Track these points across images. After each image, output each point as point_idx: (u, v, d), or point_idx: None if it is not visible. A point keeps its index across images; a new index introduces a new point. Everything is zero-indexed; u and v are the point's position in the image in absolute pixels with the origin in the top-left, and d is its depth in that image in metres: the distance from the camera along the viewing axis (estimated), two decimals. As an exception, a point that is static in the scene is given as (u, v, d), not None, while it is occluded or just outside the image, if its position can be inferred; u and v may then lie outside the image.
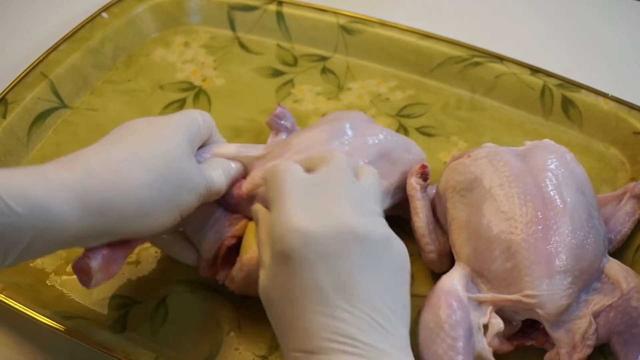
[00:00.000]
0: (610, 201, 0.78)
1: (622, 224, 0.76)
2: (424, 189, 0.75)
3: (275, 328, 0.59)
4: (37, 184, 0.58)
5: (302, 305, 0.56)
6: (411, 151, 0.78)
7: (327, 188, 0.60)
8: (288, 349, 0.57)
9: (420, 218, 0.75)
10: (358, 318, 0.55)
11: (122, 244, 0.65)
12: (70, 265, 0.77)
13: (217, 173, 0.70)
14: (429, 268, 0.77)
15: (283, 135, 0.83)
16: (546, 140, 0.76)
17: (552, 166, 0.72)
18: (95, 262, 0.64)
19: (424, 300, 0.69)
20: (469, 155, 0.75)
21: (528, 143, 0.76)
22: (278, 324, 0.58)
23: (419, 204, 0.75)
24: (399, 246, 0.60)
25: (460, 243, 0.72)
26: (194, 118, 0.70)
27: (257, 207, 0.65)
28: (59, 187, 0.59)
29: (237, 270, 0.70)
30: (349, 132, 0.76)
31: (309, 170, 0.63)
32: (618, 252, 0.76)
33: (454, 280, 0.69)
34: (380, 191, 0.64)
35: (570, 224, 0.68)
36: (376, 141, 0.76)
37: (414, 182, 0.75)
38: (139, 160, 0.63)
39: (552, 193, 0.70)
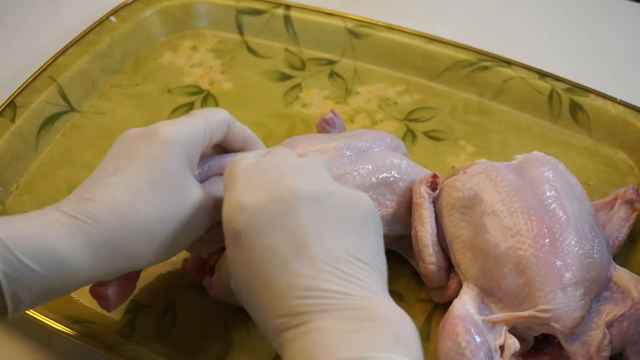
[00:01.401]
0: (602, 207, 0.78)
1: (618, 229, 0.75)
2: (431, 199, 0.74)
3: (249, 311, 0.59)
4: (44, 232, 0.57)
5: (265, 275, 0.56)
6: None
7: (271, 167, 0.60)
8: (266, 325, 0.56)
9: (426, 228, 0.73)
10: (322, 271, 0.55)
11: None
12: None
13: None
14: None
15: None
16: (536, 153, 0.76)
17: (549, 178, 0.72)
18: (111, 290, 0.65)
19: (439, 327, 0.67)
20: (464, 172, 0.74)
21: (519, 157, 0.76)
22: (249, 304, 0.58)
23: (425, 214, 0.73)
24: (356, 196, 0.60)
25: (466, 263, 0.71)
26: (194, 129, 0.66)
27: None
28: (68, 236, 0.58)
29: (216, 278, 0.71)
30: (360, 150, 0.76)
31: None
32: (624, 258, 0.76)
33: (466, 305, 0.68)
34: (326, 164, 0.64)
35: (575, 234, 0.68)
36: (382, 167, 0.74)
37: (422, 191, 0.74)
38: (143, 197, 0.61)
39: (553, 205, 0.69)
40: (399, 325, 0.54)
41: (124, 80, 0.98)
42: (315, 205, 0.57)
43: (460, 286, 0.72)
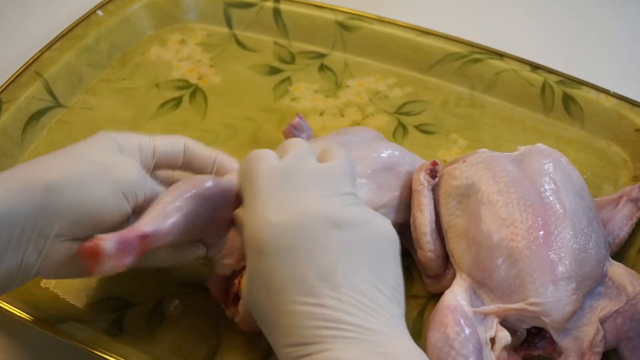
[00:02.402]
0: (606, 205, 0.77)
1: (620, 227, 0.75)
2: (430, 186, 0.74)
3: (263, 329, 0.58)
4: None
5: (287, 299, 0.54)
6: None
7: (294, 175, 0.59)
8: (280, 346, 0.56)
9: (424, 216, 0.73)
10: (345, 303, 0.54)
11: (137, 234, 0.61)
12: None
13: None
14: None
15: None
16: (539, 145, 0.75)
17: (549, 171, 0.71)
18: (108, 244, 0.58)
19: (429, 319, 0.67)
20: (464, 161, 0.74)
21: (522, 148, 0.75)
22: (266, 324, 0.57)
23: (424, 201, 0.73)
24: (381, 224, 0.59)
25: (459, 252, 0.71)
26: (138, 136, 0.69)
27: (236, 212, 0.65)
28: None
29: (241, 305, 0.68)
30: (355, 143, 0.75)
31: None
32: (620, 253, 0.75)
33: (457, 296, 0.67)
34: (350, 169, 0.62)
35: (571, 228, 0.67)
36: (382, 154, 0.74)
37: (422, 178, 0.74)
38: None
39: (551, 198, 0.69)
40: None
41: (111, 75, 0.97)
42: (342, 234, 0.56)
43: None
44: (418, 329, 0.72)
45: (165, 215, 0.62)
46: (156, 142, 0.69)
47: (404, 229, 0.74)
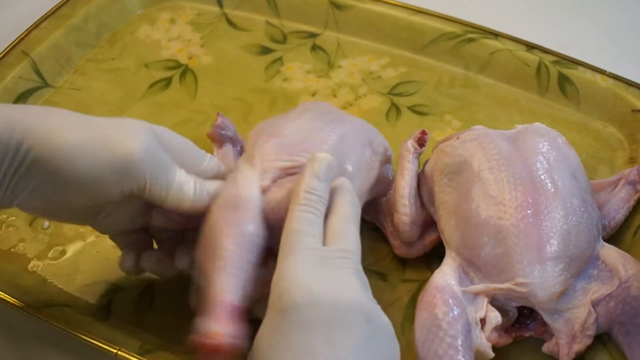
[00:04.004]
0: (605, 187, 0.77)
1: (616, 210, 0.75)
2: (416, 154, 0.75)
3: None
4: None
5: None
6: (384, 144, 0.75)
7: (338, 264, 0.57)
8: None
9: (405, 180, 0.74)
10: None
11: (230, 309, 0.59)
12: (51, 251, 0.76)
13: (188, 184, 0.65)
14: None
15: (228, 146, 0.79)
16: (537, 124, 0.75)
17: (543, 150, 0.71)
18: (226, 337, 0.57)
19: (418, 299, 0.67)
20: (457, 137, 0.74)
21: (519, 126, 0.75)
22: None
23: (407, 166, 0.74)
24: (395, 341, 0.57)
25: (449, 229, 0.70)
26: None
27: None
28: None
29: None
30: (336, 119, 0.73)
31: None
32: (616, 236, 0.74)
33: (446, 276, 0.67)
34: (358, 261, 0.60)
35: (561, 208, 0.67)
36: (362, 129, 0.74)
37: (409, 145, 0.75)
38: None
39: (542, 177, 0.68)
40: None
41: (99, 54, 0.96)
42: (369, 327, 0.55)
43: (427, 248, 0.74)
44: (411, 314, 0.70)
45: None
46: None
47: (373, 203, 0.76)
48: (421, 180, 0.75)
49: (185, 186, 0.63)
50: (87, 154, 0.59)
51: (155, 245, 0.70)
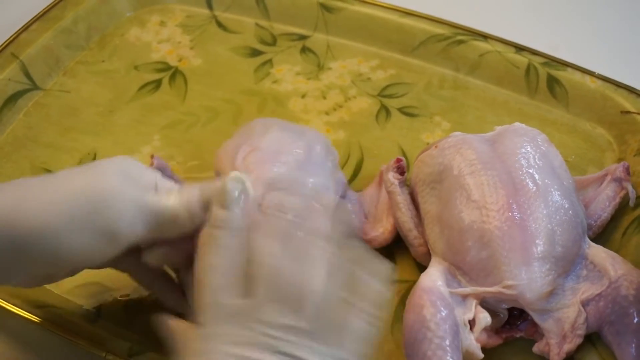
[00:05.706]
0: (591, 183, 0.77)
1: (602, 208, 0.74)
2: (402, 183, 0.74)
3: None
4: None
5: None
6: (335, 152, 0.78)
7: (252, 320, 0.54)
8: None
9: (404, 213, 0.73)
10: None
11: None
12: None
13: (171, 197, 0.60)
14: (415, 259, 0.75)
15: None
16: (516, 124, 0.75)
17: (522, 150, 0.71)
18: None
19: (407, 301, 0.67)
20: (436, 146, 0.73)
21: (498, 128, 0.75)
22: None
23: (400, 199, 0.73)
24: None
25: (433, 237, 0.70)
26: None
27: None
28: None
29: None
30: (298, 131, 0.76)
31: None
32: (605, 236, 0.75)
33: (433, 277, 0.67)
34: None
35: (544, 208, 0.67)
36: (320, 139, 0.77)
37: (391, 178, 0.74)
38: (50, 180, 0.58)
39: (523, 177, 0.68)
40: None
41: (89, 57, 0.96)
42: None
43: None
44: (401, 315, 0.70)
45: None
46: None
47: None
48: (410, 195, 0.75)
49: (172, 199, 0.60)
50: (74, 233, 0.56)
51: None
